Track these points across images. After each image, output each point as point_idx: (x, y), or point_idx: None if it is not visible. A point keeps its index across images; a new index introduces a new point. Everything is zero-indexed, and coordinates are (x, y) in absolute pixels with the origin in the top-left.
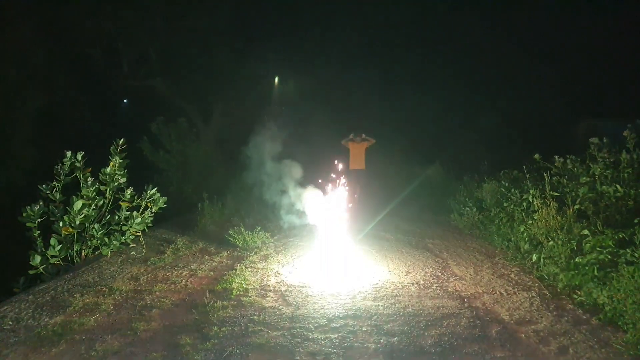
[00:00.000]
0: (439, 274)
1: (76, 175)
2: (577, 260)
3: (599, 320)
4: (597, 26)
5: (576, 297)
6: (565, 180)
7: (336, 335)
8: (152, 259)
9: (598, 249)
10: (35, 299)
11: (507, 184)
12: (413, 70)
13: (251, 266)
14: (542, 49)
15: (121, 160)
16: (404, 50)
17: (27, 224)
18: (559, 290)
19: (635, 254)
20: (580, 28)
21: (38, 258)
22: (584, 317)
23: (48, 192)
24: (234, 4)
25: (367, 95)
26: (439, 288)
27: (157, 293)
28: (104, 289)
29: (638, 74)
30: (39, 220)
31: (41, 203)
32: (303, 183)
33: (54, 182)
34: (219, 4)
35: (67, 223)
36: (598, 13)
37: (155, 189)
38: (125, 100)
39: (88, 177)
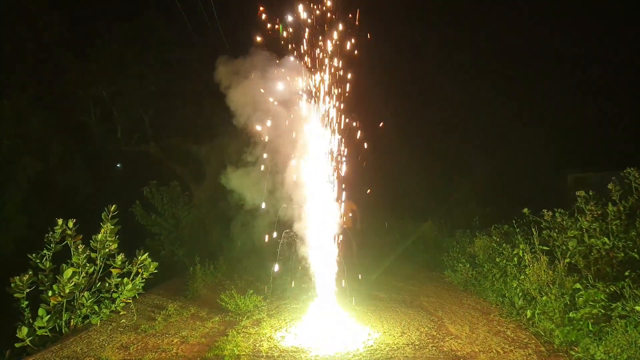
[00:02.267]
0: (435, 333)
1: (67, 242)
2: (571, 315)
3: None
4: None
5: (574, 353)
6: (555, 234)
7: None
8: (142, 326)
9: (591, 303)
10: None
11: (498, 239)
12: (403, 126)
13: (243, 331)
14: (531, 105)
15: (112, 227)
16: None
17: (15, 295)
18: (555, 347)
19: (627, 307)
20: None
21: (25, 330)
22: None
23: (38, 260)
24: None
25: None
26: (434, 348)
27: None
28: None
29: (622, 127)
30: (28, 290)
31: (30, 272)
32: (296, 244)
33: (44, 251)
34: (211, 68)
35: (57, 292)
36: (585, 72)
37: (146, 254)
38: (118, 165)
39: (79, 245)
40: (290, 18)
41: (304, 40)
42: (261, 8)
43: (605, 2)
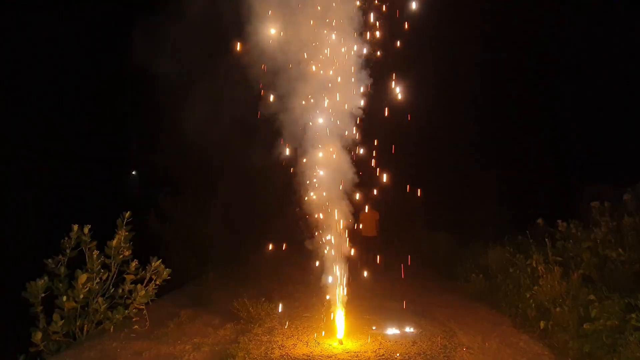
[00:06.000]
0: (447, 343)
1: (82, 248)
2: (585, 326)
3: None
4: (601, 93)
5: None
6: (569, 245)
7: None
8: (155, 332)
9: (605, 314)
10: None
11: (511, 249)
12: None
13: (255, 339)
14: (549, 116)
15: (127, 233)
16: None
17: (30, 300)
18: (570, 359)
19: None
20: (585, 96)
21: (39, 335)
22: None
23: (53, 266)
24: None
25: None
26: (446, 358)
27: None
28: None
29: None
30: (43, 295)
31: (45, 278)
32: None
33: (60, 256)
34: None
35: (71, 298)
36: (599, 80)
37: (159, 260)
38: (133, 172)
39: (94, 251)
40: None
41: None
42: None
43: None
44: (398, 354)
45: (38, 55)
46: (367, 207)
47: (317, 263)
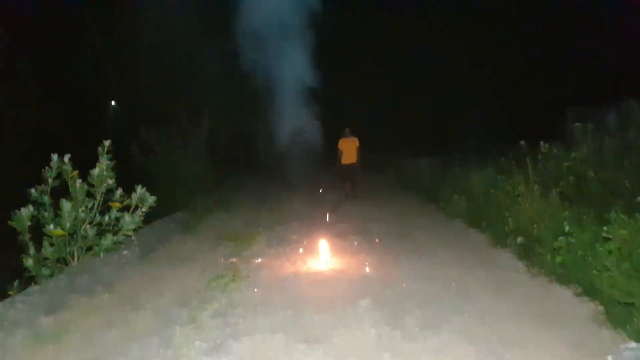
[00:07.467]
0: (425, 260)
1: (64, 178)
2: (559, 239)
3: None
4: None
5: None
6: (550, 166)
7: None
8: (146, 257)
9: (578, 229)
10: (31, 300)
11: (493, 171)
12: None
13: (244, 261)
14: (534, 37)
15: (108, 162)
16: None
17: (17, 228)
18: (543, 270)
19: (611, 233)
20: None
21: (30, 261)
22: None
23: (37, 195)
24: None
25: (358, 90)
26: (423, 272)
27: (152, 290)
28: (98, 288)
29: (623, 61)
30: (29, 224)
31: (30, 207)
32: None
33: (42, 186)
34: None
35: (58, 226)
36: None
37: (144, 188)
38: (112, 102)
39: (76, 180)
40: None
41: None
42: None
43: None
44: (380, 271)
45: None
46: (347, 130)
47: (302, 188)
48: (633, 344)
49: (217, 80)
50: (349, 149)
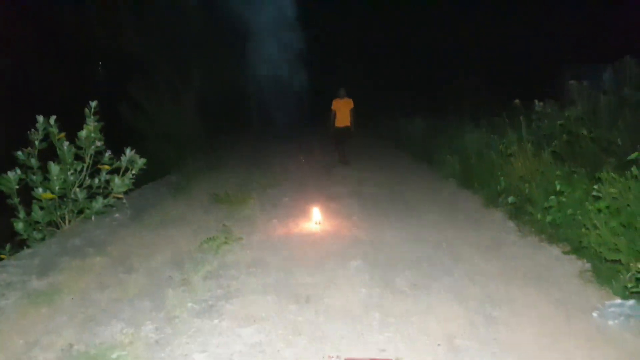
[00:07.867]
0: (415, 222)
1: (51, 141)
2: (551, 198)
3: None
4: None
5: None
6: (544, 125)
7: None
8: (137, 220)
9: (570, 188)
10: (23, 264)
11: (486, 131)
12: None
13: (237, 223)
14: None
15: (96, 124)
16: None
17: (5, 191)
18: (534, 229)
19: (602, 191)
20: None
21: (20, 224)
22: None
23: (24, 158)
24: None
25: (350, 54)
26: (413, 235)
27: (143, 252)
28: (90, 250)
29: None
30: (17, 187)
31: (17, 170)
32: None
33: (29, 149)
34: None
35: (47, 189)
36: None
37: (133, 150)
38: (100, 63)
39: (63, 142)
40: None
41: None
42: None
43: None
44: (371, 233)
45: None
46: (342, 91)
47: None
48: (618, 301)
49: (207, 35)
50: (343, 111)
